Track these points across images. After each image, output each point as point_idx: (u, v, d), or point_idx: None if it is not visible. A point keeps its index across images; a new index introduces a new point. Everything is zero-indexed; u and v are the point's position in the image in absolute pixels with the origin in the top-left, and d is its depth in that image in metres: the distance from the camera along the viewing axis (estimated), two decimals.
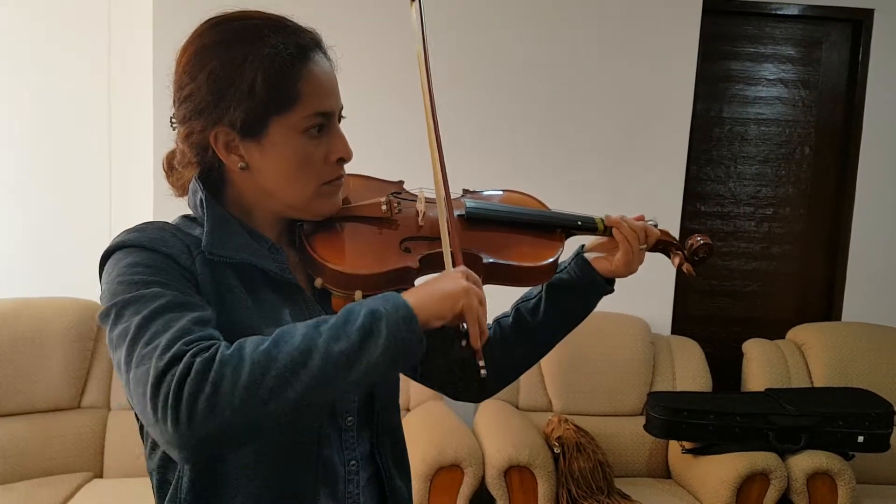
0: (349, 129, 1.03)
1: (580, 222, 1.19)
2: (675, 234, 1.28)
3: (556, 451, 2.83)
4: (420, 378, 1.20)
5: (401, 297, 0.87)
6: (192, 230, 0.98)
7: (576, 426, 2.96)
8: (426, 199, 1.12)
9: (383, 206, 1.07)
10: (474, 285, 0.91)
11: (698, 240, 1.24)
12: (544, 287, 1.21)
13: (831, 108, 3.65)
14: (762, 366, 3.27)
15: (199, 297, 0.91)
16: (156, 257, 0.91)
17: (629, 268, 1.19)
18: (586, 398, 3.18)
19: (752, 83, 3.62)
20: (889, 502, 2.95)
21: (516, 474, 2.66)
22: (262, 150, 0.97)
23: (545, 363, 3.19)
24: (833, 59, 3.63)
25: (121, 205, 3.29)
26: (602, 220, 1.20)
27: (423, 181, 1.12)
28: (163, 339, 0.81)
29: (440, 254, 1.01)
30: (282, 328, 0.84)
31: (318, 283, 1.02)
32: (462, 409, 3.04)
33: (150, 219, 1.01)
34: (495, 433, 2.81)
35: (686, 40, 3.40)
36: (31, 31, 3.25)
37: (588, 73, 3.39)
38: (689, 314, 3.64)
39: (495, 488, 2.65)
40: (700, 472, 2.88)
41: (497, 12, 3.34)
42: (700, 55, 3.42)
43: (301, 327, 0.84)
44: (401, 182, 1.16)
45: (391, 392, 1.10)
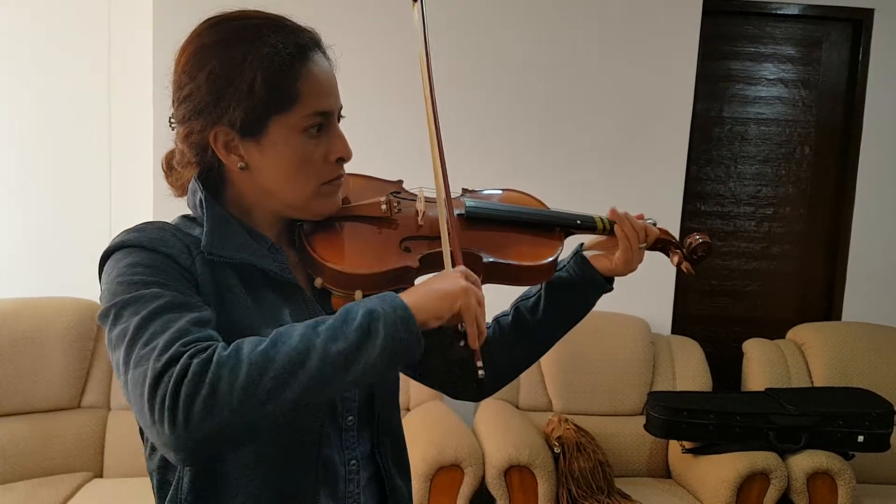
0: (349, 129, 1.03)
1: (579, 221, 1.19)
2: (675, 234, 1.28)
3: (557, 450, 2.83)
4: (419, 377, 1.20)
5: (399, 297, 0.87)
6: (192, 230, 0.98)
7: (576, 426, 2.96)
8: (426, 198, 1.12)
9: (383, 206, 1.07)
10: (473, 285, 0.91)
11: (697, 238, 1.24)
12: (544, 285, 1.21)
13: (831, 108, 3.65)
14: (762, 365, 3.26)
15: (199, 297, 0.91)
16: (155, 257, 0.91)
17: (628, 266, 1.19)
18: (586, 398, 3.18)
19: (752, 83, 3.62)
20: (889, 502, 2.94)
21: (516, 474, 2.66)
22: (261, 149, 0.97)
23: (545, 363, 3.19)
24: (833, 59, 3.63)
25: (121, 205, 3.29)
26: (601, 218, 1.20)
27: (423, 181, 1.12)
28: (161, 340, 0.81)
29: (440, 253, 1.01)
30: (279, 329, 0.84)
31: (317, 282, 1.01)
32: (462, 408, 3.04)
33: (150, 219, 1.00)
34: (495, 433, 2.81)
35: (686, 40, 3.40)
36: (31, 31, 3.24)
37: (588, 73, 3.39)
38: (690, 314, 3.64)
39: (495, 488, 2.65)
40: (700, 472, 2.88)
41: (497, 12, 3.34)
42: (700, 55, 3.42)
43: (299, 328, 0.84)
44: (400, 181, 1.16)
45: (391, 391, 1.10)
